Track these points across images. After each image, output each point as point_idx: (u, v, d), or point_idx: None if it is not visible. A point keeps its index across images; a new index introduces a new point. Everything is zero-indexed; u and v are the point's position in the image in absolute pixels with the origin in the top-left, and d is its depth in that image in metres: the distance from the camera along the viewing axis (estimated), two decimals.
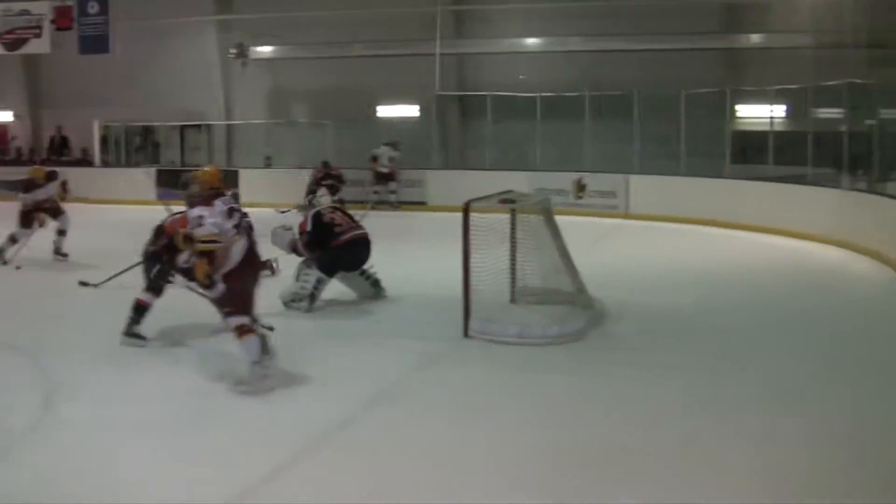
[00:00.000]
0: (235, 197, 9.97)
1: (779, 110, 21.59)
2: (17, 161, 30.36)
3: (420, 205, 23.39)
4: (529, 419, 7.32)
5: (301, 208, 12.65)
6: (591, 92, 23.63)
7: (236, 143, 28.91)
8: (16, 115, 32.08)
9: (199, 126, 29.12)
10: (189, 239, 8.19)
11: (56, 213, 15.41)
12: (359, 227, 11.93)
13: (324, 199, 21.17)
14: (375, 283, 12.01)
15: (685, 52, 24.14)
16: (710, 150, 22.71)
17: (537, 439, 6.86)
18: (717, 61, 24.45)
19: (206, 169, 8.89)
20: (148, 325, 9.69)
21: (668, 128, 22.71)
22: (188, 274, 9.19)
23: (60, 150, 30.33)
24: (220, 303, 8.30)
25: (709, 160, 22.52)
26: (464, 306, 9.78)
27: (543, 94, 24.26)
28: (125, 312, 9.70)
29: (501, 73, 26.13)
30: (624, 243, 17.65)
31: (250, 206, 12.29)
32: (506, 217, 10.87)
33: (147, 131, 30.24)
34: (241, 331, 7.86)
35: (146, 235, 10.09)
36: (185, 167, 27.58)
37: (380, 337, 10.12)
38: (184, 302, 10.03)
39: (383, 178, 23.90)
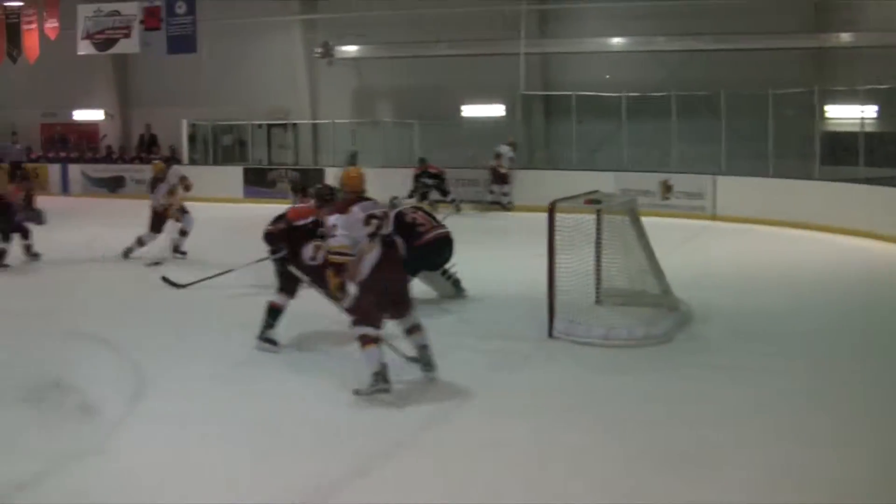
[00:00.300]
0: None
1: (870, 111, 21.20)
2: (108, 159, 30.88)
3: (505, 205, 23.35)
4: (615, 420, 7.26)
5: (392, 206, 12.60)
6: (678, 92, 23.41)
7: (322, 142, 29.05)
8: (106, 114, 32.60)
9: (285, 125, 29.31)
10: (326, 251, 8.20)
11: (181, 212, 15.52)
12: (441, 226, 11.92)
13: (432, 194, 21.36)
14: (456, 283, 12.00)
15: (773, 52, 23.80)
16: (798, 151, 22.38)
17: (624, 440, 6.82)
18: (805, 61, 24.06)
19: (348, 171, 8.53)
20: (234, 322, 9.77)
21: (756, 128, 22.42)
22: (314, 275, 9.23)
23: (149, 148, 30.77)
24: (348, 310, 8.29)
25: (798, 161, 22.19)
26: (548, 307, 9.73)
27: (629, 93, 24.08)
28: (217, 311, 9.78)
29: (586, 73, 25.97)
30: (711, 245, 17.44)
31: None
32: (591, 217, 10.79)
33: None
34: (364, 341, 7.77)
35: (236, 232, 10.17)
36: (272, 166, 27.92)
37: (463, 337, 10.09)
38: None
39: (500, 179, 23.73)
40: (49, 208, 16.51)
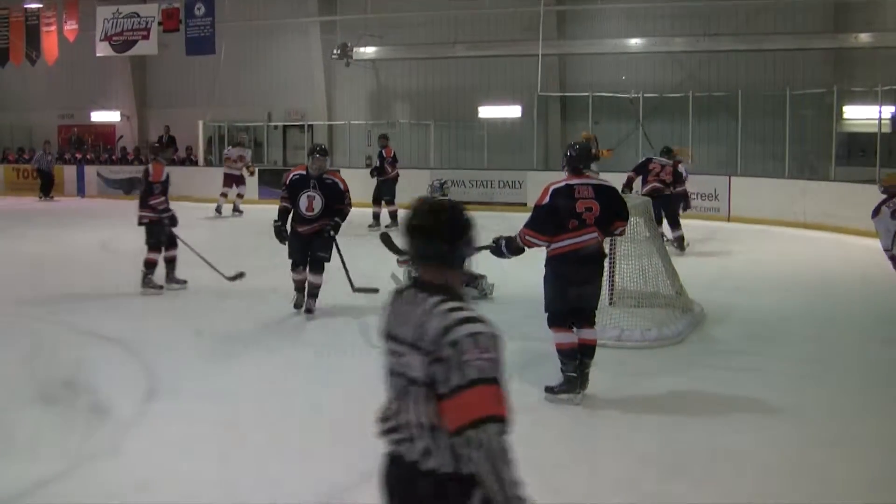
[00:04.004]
0: None
1: (887, 111, 21.12)
2: (124, 160, 30.95)
3: (520, 206, 23.18)
4: (627, 422, 7.25)
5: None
6: (695, 92, 23.38)
7: (337, 143, 29.07)
8: (123, 115, 32.69)
9: (301, 126, 29.34)
10: None
11: None
12: None
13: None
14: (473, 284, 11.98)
15: (792, 52, 23.77)
16: (815, 152, 22.35)
17: (636, 442, 6.80)
18: (824, 61, 23.99)
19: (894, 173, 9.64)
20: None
21: (773, 129, 22.39)
22: None
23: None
24: None
25: (814, 162, 22.16)
26: None
27: (646, 94, 24.06)
28: (233, 312, 9.76)
29: (604, 74, 25.95)
30: (725, 246, 17.37)
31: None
32: None
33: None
34: None
35: (254, 233, 10.14)
36: (287, 167, 27.98)
37: None
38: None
39: None
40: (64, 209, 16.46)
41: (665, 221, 15.83)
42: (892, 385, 8.29)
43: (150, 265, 12.72)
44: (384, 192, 20.44)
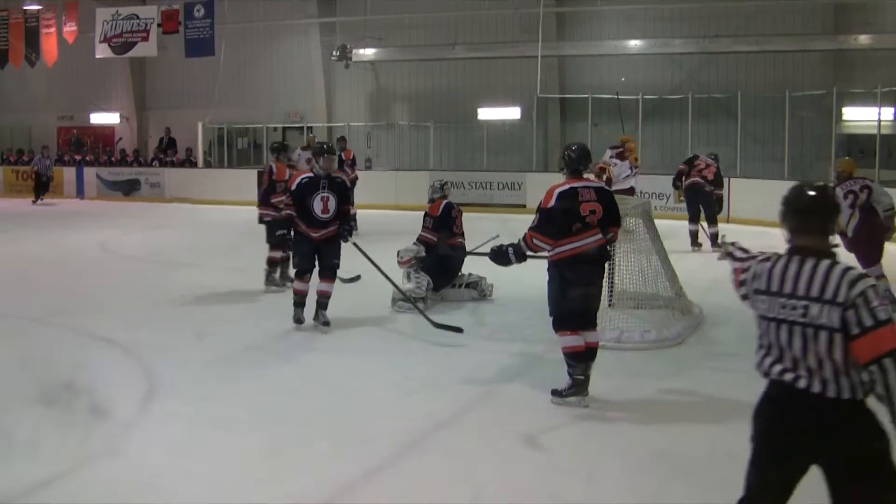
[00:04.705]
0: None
1: (887, 112, 21.12)
2: (123, 162, 30.95)
3: (520, 207, 23.17)
4: (627, 424, 7.24)
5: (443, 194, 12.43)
6: (695, 94, 23.38)
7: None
8: (122, 117, 32.69)
9: (300, 128, 29.35)
10: None
11: None
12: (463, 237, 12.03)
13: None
14: (473, 286, 12.00)
15: (791, 54, 23.80)
16: (815, 153, 22.35)
17: (636, 443, 6.78)
18: (823, 63, 24.02)
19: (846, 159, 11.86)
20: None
21: (772, 130, 22.39)
22: None
23: (165, 151, 30.84)
24: None
25: (814, 163, 22.16)
26: None
27: (646, 95, 24.06)
28: (231, 312, 9.75)
29: (603, 75, 25.97)
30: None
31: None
32: None
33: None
34: None
35: (255, 235, 10.06)
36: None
37: (477, 339, 10.06)
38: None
39: None
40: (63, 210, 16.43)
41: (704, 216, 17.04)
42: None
43: (272, 263, 12.76)
44: None
